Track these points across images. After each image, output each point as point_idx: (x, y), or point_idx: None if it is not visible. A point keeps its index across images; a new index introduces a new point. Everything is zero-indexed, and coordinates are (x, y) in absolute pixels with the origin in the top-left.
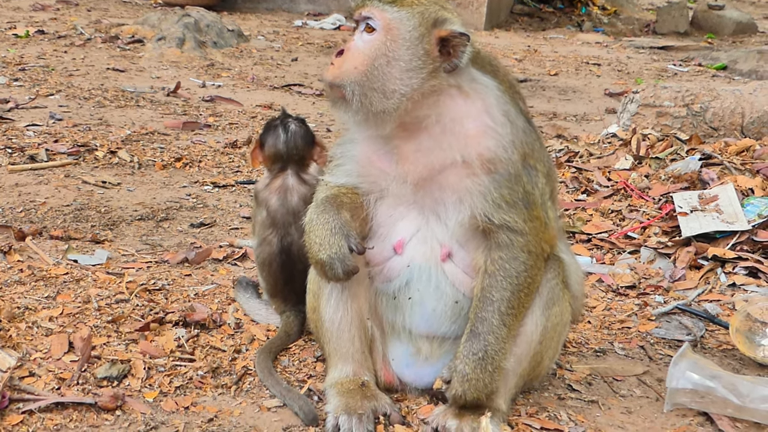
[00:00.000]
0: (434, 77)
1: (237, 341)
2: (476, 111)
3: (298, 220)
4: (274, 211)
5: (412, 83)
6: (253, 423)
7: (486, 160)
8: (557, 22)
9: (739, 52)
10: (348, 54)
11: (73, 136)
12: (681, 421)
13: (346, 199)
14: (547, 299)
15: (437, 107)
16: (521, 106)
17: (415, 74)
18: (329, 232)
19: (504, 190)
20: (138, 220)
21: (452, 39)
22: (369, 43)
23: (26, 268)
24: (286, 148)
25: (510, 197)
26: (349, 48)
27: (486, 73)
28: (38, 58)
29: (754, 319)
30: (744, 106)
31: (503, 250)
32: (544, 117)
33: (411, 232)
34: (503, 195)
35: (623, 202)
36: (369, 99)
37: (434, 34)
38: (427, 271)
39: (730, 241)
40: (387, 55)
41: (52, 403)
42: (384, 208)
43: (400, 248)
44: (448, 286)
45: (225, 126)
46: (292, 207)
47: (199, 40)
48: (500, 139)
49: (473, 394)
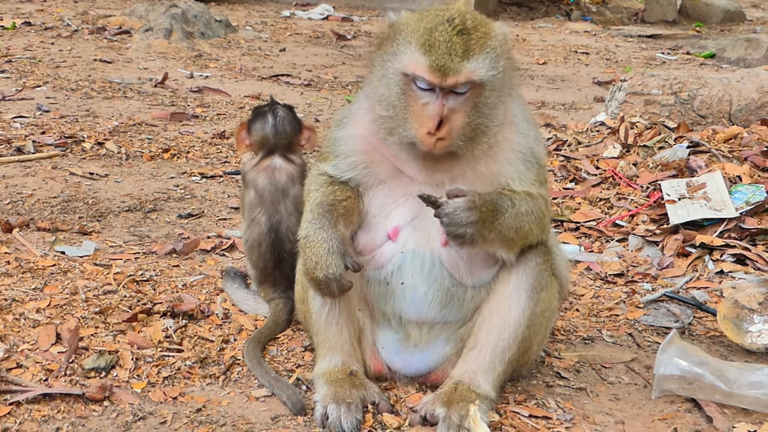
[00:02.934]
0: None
1: (225, 331)
2: (512, 113)
3: (286, 197)
4: (262, 188)
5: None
6: (241, 413)
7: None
8: (546, 12)
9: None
10: (450, 122)
11: (60, 128)
12: (669, 407)
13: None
14: (535, 284)
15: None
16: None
17: (507, 99)
18: (326, 252)
19: (533, 171)
20: (126, 212)
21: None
22: (465, 101)
23: (13, 260)
24: (275, 132)
25: (538, 176)
26: (446, 116)
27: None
28: (25, 49)
29: (742, 306)
30: (732, 93)
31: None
32: (533, 106)
33: (407, 218)
34: (535, 176)
35: (611, 191)
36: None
37: (508, 54)
38: (421, 256)
39: (717, 229)
40: (488, 102)
41: (40, 395)
42: (380, 196)
43: (395, 235)
44: (443, 271)
45: (213, 117)
46: (281, 185)
47: (186, 30)
48: (532, 137)
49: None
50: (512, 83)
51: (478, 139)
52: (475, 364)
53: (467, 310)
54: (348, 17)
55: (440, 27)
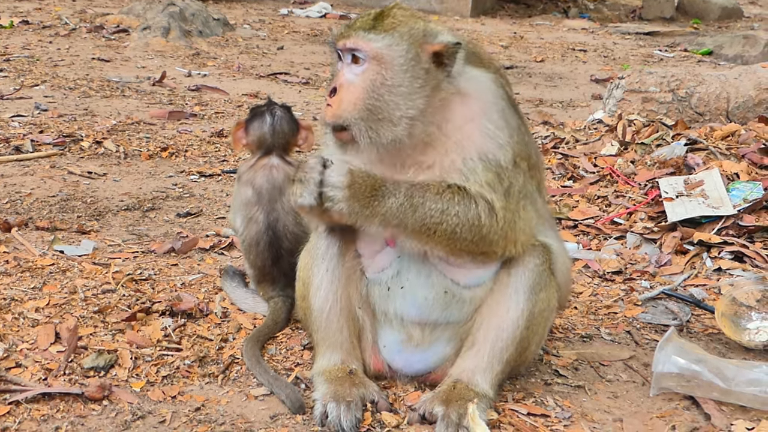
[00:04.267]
0: (439, 90)
1: (224, 330)
2: (475, 112)
3: (283, 195)
4: (260, 186)
5: (418, 104)
6: (240, 411)
7: (482, 154)
8: (543, 9)
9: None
10: (343, 91)
11: (59, 127)
12: (667, 405)
13: None
14: (533, 285)
15: (441, 116)
16: (510, 95)
17: (420, 94)
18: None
19: (490, 174)
20: (124, 211)
21: (446, 50)
22: (362, 75)
23: (12, 260)
24: (272, 132)
25: (493, 181)
26: (342, 84)
27: (474, 65)
28: (23, 48)
29: (740, 303)
30: (729, 91)
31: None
32: (531, 104)
33: None
34: (488, 178)
35: (609, 188)
36: (377, 132)
37: (427, 50)
38: (417, 260)
39: (715, 226)
40: (386, 84)
41: (39, 394)
42: None
43: (393, 242)
44: (438, 276)
45: (211, 115)
46: (278, 183)
47: (184, 29)
48: (498, 140)
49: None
50: (439, 81)
51: (382, 124)
52: (474, 363)
53: (469, 311)
54: (346, 15)
55: (375, 10)
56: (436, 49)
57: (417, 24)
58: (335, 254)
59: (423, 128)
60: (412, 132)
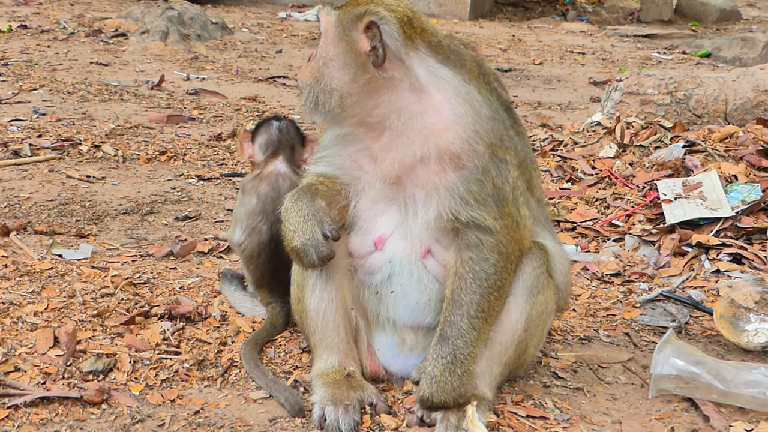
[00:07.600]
0: (365, 72)
1: (223, 333)
2: (435, 105)
3: None
4: (265, 195)
5: (345, 80)
6: (239, 415)
7: (452, 155)
8: (542, 12)
9: (722, 40)
10: (310, 59)
11: (57, 131)
12: (666, 407)
13: (323, 187)
14: (531, 287)
15: (393, 105)
16: (491, 95)
17: (347, 71)
18: (302, 219)
19: (472, 185)
20: (123, 214)
21: (376, 30)
22: (318, 47)
23: (11, 264)
24: (279, 132)
25: (479, 193)
26: (313, 53)
27: (448, 63)
28: (21, 52)
29: (738, 305)
30: (727, 93)
31: (473, 251)
32: (529, 106)
33: (391, 228)
34: (471, 191)
35: (608, 190)
36: (316, 99)
37: (359, 29)
38: (408, 266)
39: (714, 228)
40: (325, 56)
41: (38, 398)
42: (364, 202)
43: (380, 244)
44: (430, 280)
45: (209, 119)
46: (284, 192)
47: (182, 33)
48: (463, 131)
49: (441, 396)
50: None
51: (322, 94)
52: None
53: None
54: None
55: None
56: (365, 26)
57: (366, 6)
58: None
59: (372, 110)
60: (348, 107)
